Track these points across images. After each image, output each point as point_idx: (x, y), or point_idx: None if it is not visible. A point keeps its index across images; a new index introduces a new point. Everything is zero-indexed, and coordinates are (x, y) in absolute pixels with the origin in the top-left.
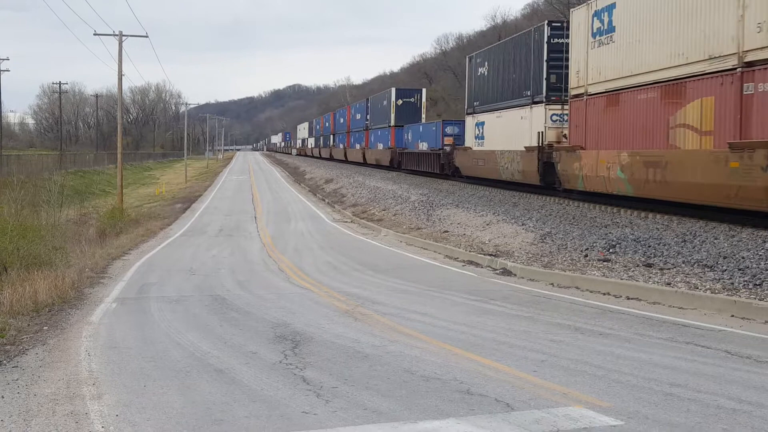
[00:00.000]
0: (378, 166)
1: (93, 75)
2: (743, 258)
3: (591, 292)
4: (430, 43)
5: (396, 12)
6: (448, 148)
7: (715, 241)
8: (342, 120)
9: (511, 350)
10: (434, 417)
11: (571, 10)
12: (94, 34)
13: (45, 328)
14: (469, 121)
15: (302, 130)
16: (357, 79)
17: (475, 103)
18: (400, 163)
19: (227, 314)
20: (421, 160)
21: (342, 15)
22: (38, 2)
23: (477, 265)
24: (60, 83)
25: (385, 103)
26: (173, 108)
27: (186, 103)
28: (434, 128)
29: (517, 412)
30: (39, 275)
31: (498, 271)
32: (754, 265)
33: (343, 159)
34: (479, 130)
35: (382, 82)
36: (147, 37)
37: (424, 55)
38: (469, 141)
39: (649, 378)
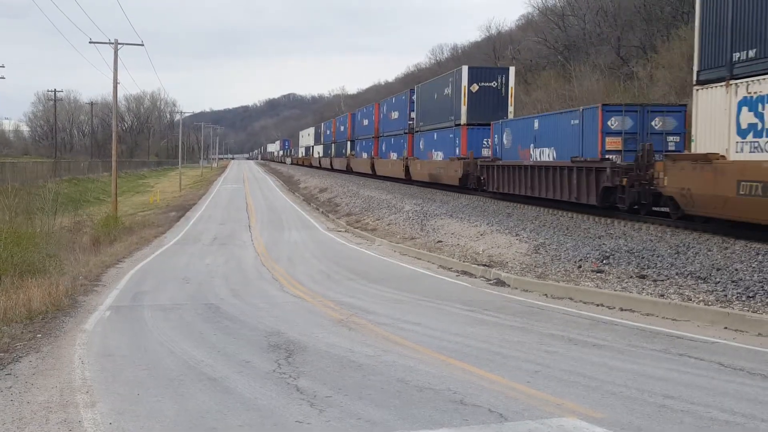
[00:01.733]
0: (435, 185)
1: (88, 83)
2: (736, 270)
3: (584, 303)
4: (425, 54)
5: (391, 22)
6: (615, 157)
7: (709, 253)
8: (366, 122)
9: (504, 361)
10: (428, 427)
11: None
12: (90, 42)
13: (38, 335)
14: (716, 99)
15: (306, 136)
16: (352, 89)
17: (737, 56)
18: (483, 181)
19: (221, 323)
20: (542, 180)
21: (337, 24)
22: (34, 9)
23: (471, 275)
24: (55, 91)
25: (447, 91)
26: (168, 116)
27: (181, 112)
28: (575, 121)
29: (511, 423)
30: (33, 283)
31: (492, 282)
32: (748, 278)
33: (369, 173)
34: (761, 115)
35: (377, 91)
36: (142, 45)
37: (419, 65)
38: (716, 142)
39: (642, 389)
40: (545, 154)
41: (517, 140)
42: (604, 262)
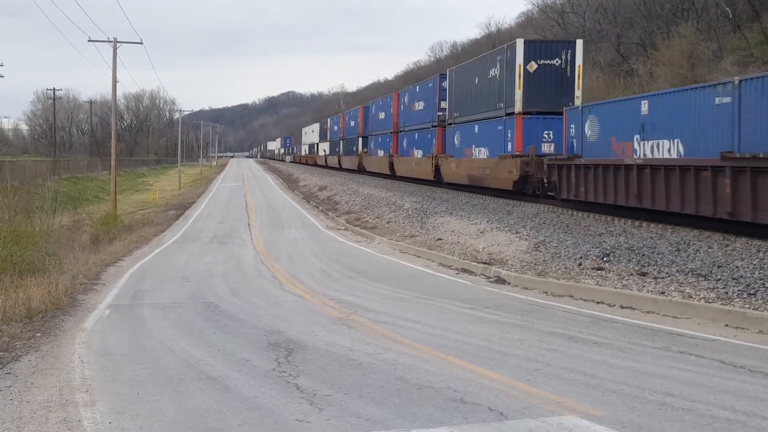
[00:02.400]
0: (477, 189)
1: (88, 82)
2: (737, 267)
3: (585, 300)
4: (425, 51)
5: (391, 21)
6: None
7: (710, 250)
8: (382, 115)
9: (504, 359)
10: (427, 425)
11: None
12: (89, 41)
13: (38, 334)
14: None
15: (310, 133)
16: (351, 87)
17: None
18: (551, 186)
19: (220, 321)
20: (658, 186)
21: (337, 23)
22: (34, 9)
23: (471, 273)
24: (54, 89)
25: (493, 72)
26: (167, 114)
27: (180, 110)
28: (724, 99)
29: (511, 421)
30: (32, 281)
31: (492, 279)
32: (749, 275)
33: (386, 173)
34: None
35: (376, 89)
36: (141, 43)
37: (419, 62)
38: None
39: (643, 387)
40: (662, 149)
41: (608, 130)
42: (605, 259)
